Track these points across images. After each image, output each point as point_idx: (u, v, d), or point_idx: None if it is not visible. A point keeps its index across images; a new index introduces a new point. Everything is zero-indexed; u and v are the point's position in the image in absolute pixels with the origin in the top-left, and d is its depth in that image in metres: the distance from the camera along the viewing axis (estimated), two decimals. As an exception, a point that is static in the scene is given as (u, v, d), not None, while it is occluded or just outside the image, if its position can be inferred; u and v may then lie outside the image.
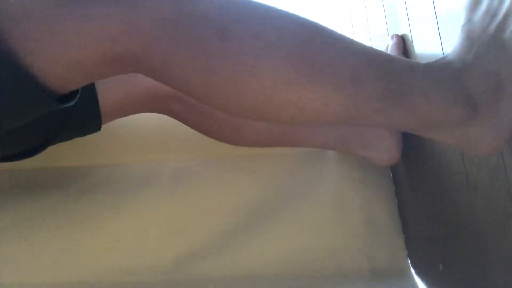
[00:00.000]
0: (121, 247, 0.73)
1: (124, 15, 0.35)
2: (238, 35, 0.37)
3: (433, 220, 0.67)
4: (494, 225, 0.50)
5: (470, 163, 0.54)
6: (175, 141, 0.81)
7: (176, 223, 0.75)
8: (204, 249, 0.74)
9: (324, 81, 0.38)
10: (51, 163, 0.79)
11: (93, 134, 0.73)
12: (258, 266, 0.74)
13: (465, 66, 0.43)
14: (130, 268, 0.72)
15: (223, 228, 0.76)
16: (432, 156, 0.64)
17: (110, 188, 0.78)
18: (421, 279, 0.74)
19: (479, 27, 0.44)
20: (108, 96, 0.64)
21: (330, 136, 0.74)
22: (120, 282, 0.72)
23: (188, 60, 0.37)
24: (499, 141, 0.44)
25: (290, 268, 0.74)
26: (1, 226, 0.73)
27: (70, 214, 0.74)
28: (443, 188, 0.62)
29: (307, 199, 0.78)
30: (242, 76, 0.37)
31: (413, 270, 0.76)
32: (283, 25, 0.39)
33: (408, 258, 0.76)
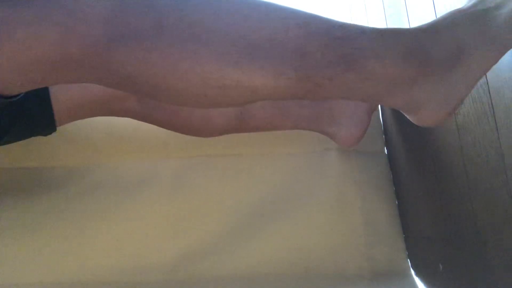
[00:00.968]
0: (121, 247, 0.73)
1: (59, 18, 0.35)
2: (175, 24, 0.36)
3: (433, 220, 0.67)
4: (494, 225, 0.50)
5: (470, 163, 0.54)
6: (175, 141, 0.81)
7: (176, 223, 0.75)
8: (204, 249, 0.74)
9: (269, 57, 0.37)
10: (50, 162, 0.79)
11: (92, 133, 0.73)
12: (258, 267, 0.74)
13: (433, 28, 0.42)
14: (130, 268, 0.72)
15: (223, 228, 0.76)
16: (432, 157, 0.64)
17: (110, 188, 0.77)
18: (421, 280, 0.74)
19: (469, 5, 0.44)
20: (62, 95, 0.62)
21: (301, 116, 0.74)
22: (120, 282, 0.72)
23: (127, 57, 0.36)
24: (442, 112, 0.43)
25: (290, 269, 0.74)
26: (0, 226, 0.73)
27: (70, 214, 0.74)
28: (443, 188, 0.62)
29: (307, 200, 0.78)
30: (185, 64, 0.36)
31: (413, 271, 0.75)
32: (220, 7, 0.38)
33: (408, 259, 0.76)
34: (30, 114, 0.60)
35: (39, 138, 0.70)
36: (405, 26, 0.69)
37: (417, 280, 0.74)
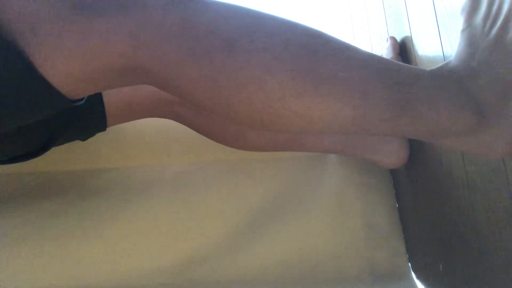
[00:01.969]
0: (123, 251, 0.73)
1: (132, 30, 0.36)
2: (245, 48, 0.37)
3: (433, 221, 0.67)
4: (494, 225, 0.50)
5: (470, 163, 0.54)
6: (177, 145, 0.81)
7: (178, 227, 0.75)
8: (206, 253, 0.74)
9: (331, 92, 0.38)
10: (53, 167, 0.79)
11: (95, 139, 0.73)
12: (259, 270, 0.74)
13: (470, 73, 0.43)
14: (132, 272, 0.72)
15: (224, 232, 0.76)
16: (433, 157, 0.64)
17: (112, 192, 0.78)
18: (422, 283, 0.74)
19: (480, 32, 0.44)
20: (114, 97, 0.64)
21: (336, 141, 0.74)
22: (122, 286, 0.72)
23: (195, 74, 0.37)
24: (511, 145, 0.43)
25: (291, 272, 0.74)
26: (2, 230, 0.73)
27: (71, 218, 0.74)
28: (443, 189, 0.62)
29: (308, 203, 0.78)
30: (250, 89, 0.37)
31: (414, 274, 0.75)
32: (290, 37, 0.39)
33: (409, 262, 0.76)
34: (84, 114, 0.62)
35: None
36: (405, 26, 0.69)
37: (418, 283, 0.74)
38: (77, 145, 0.79)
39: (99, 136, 0.79)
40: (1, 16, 0.34)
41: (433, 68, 0.44)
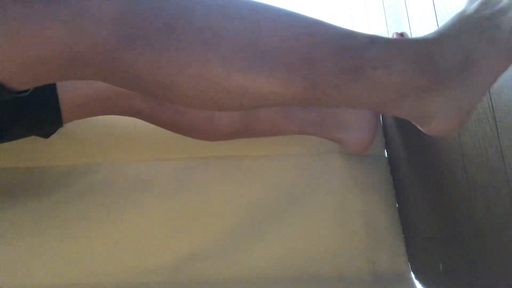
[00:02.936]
0: (121, 248, 0.73)
1: (68, 17, 0.35)
2: (185, 28, 0.36)
3: (433, 221, 0.67)
4: (494, 225, 0.50)
5: (470, 163, 0.54)
6: (176, 142, 0.81)
7: (177, 224, 0.75)
8: (205, 251, 0.74)
9: (277, 64, 0.38)
10: (50, 162, 0.79)
11: (93, 133, 0.73)
12: (259, 269, 0.73)
13: (440, 38, 0.42)
14: (131, 270, 0.72)
15: (224, 230, 0.76)
16: (432, 157, 0.64)
17: (110, 188, 0.77)
18: (422, 283, 0.74)
19: (473, 10, 0.43)
20: (69, 90, 0.62)
21: (306, 121, 0.73)
22: (120, 284, 0.71)
23: (136, 58, 0.36)
24: (454, 122, 0.43)
25: (291, 271, 0.73)
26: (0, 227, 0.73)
27: (69, 215, 0.74)
28: (443, 188, 0.62)
29: (308, 202, 0.78)
30: (192, 68, 0.37)
31: (413, 274, 0.75)
32: (230, 12, 0.38)
33: (409, 262, 0.76)
34: (37, 110, 0.60)
35: (39, 138, 0.70)
36: (405, 26, 0.69)
37: (418, 283, 0.74)
38: (75, 141, 0.78)
39: (97, 131, 0.78)
40: None
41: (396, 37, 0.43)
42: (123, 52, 0.36)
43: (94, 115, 0.69)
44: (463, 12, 0.44)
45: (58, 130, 0.70)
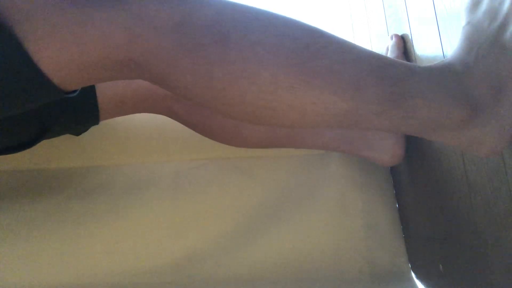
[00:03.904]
0: (121, 249, 0.73)
1: (127, 23, 0.36)
2: (238, 42, 0.37)
3: (433, 221, 0.67)
4: (494, 225, 0.50)
5: (470, 163, 0.54)
6: (176, 143, 0.81)
7: (177, 225, 0.75)
8: (205, 251, 0.74)
9: (324, 85, 0.39)
10: (51, 164, 0.79)
11: (94, 135, 0.73)
12: (259, 269, 0.74)
13: (466, 68, 0.43)
14: (130, 270, 0.72)
15: (224, 230, 0.76)
16: (432, 157, 0.64)
17: (110, 190, 0.77)
18: (422, 283, 0.74)
19: (480, 28, 0.44)
20: (107, 90, 0.64)
21: (333, 137, 0.74)
22: (120, 285, 0.71)
23: (190, 67, 0.37)
24: (501, 143, 0.44)
25: (290, 271, 0.74)
26: (0, 228, 0.73)
27: (70, 216, 0.74)
28: (443, 189, 0.62)
29: (308, 203, 0.78)
30: (243, 82, 0.38)
31: (414, 274, 0.75)
32: (284, 31, 0.39)
33: (409, 262, 0.76)
34: (76, 107, 0.61)
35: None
36: (405, 26, 0.69)
37: (418, 283, 0.74)
38: (76, 142, 0.79)
39: (98, 133, 0.79)
40: None
41: (430, 64, 0.44)
42: (178, 61, 0.37)
43: (129, 114, 0.70)
44: (472, 28, 0.44)
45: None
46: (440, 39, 0.56)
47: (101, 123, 0.73)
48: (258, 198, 0.78)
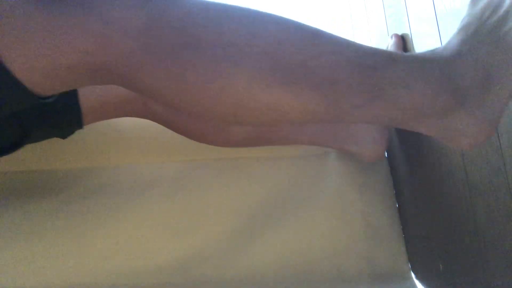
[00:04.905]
0: (122, 250, 0.73)
1: (96, 28, 0.35)
2: (211, 43, 0.37)
3: (433, 221, 0.67)
4: (494, 225, 0.50)
5: (470, 163, 0.54)
6: (176, 143, 0.81)
7: (177, 226, 0.75)
8: (205, 252, 0.74)
9: (299, 82, 0.38)
10: (51, 165, 0.79)
11: (93, 136, 0.73)
12: (259, 269, 0.73)
13: (456, 56, 0.42)
14: (131, 271, 0.72)
15: (224, 231, 0.76)
16: (432, 157, 0.64)
17: (110, 191, 0.77)
18: (422, 283, 0.73)
19: (478, 20, 0.44)
20: (90, 93, 0.63)
21: (318, 132, 0.74)
22: (121, 285, 0.71)
23: (162, 71, 0.37)
24: (481, 136, 0.43)
25: (290, 271, 0.73)
26: (1, 229, 0.73)
27: (70, 217, 0.74)
28: (443, 189, 0.62)
29: (308, 203, 0.78)
30: (218, 84, 0.37)
31: (413, 274, 0.75)
32: (256, 29, 0.38)
33: (409, 262, 0.76)
34: (59, 113, 0.61)
35: (41, 141, 0.70)
36: (405, 26, 0.69)
37: (418, 283, 0.74)
38: (76, 143, 0.79)
39: (98, 134, 0.79)
40: None
41: (415, 53, 0.43)
42: (148, 65, 0.36)
43: (113, 117, 0.70)
44: (471, 19, 0.44)
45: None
46: (440, 39, 0.56)
47: (102, 124, 0.73)
48: (258, 198, 0.78)
